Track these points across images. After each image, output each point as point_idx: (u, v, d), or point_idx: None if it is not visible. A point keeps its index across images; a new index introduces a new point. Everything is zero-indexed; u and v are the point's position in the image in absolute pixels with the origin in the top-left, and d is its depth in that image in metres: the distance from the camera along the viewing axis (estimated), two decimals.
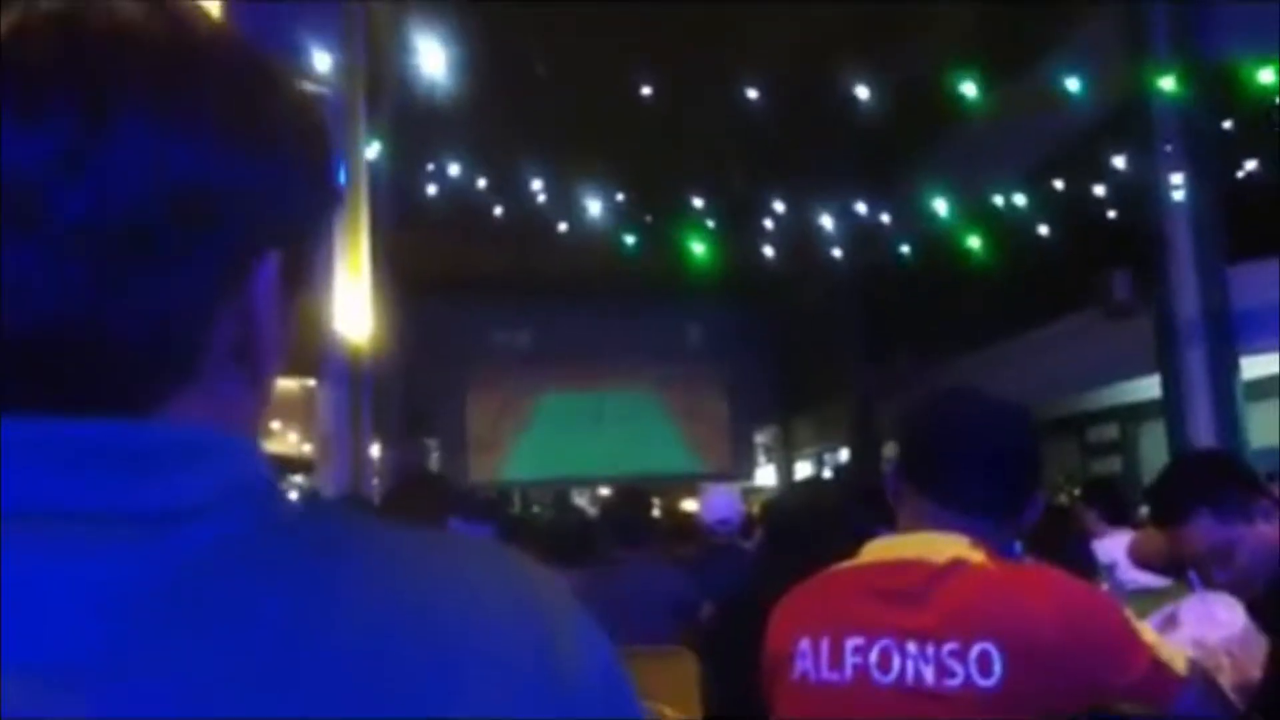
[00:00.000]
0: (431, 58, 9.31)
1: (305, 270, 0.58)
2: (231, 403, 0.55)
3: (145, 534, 0.48)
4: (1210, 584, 1.99)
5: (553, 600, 0.55)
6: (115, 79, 0.49)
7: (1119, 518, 4.66)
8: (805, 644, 1.51)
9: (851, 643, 1.47)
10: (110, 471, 0.48)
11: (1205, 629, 1.78)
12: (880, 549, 1.58)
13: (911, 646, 1.42)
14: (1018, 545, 2.23)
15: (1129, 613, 1.48)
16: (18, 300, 0.48)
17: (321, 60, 8.37)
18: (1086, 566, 3.26)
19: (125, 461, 0.49)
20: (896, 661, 1.43)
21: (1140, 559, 2.98)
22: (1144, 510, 4.70)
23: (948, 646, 1.40)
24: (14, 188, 0.47)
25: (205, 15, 0.57)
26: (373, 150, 9.40)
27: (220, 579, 0.48)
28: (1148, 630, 1.49)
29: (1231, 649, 1.75)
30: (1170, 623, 1.83)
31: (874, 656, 1.45)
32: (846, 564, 1.60)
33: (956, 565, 1.45)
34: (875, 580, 1.51)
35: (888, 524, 1.68)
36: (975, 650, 1.38)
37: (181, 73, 0.51)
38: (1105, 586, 3.28)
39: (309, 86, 8.09)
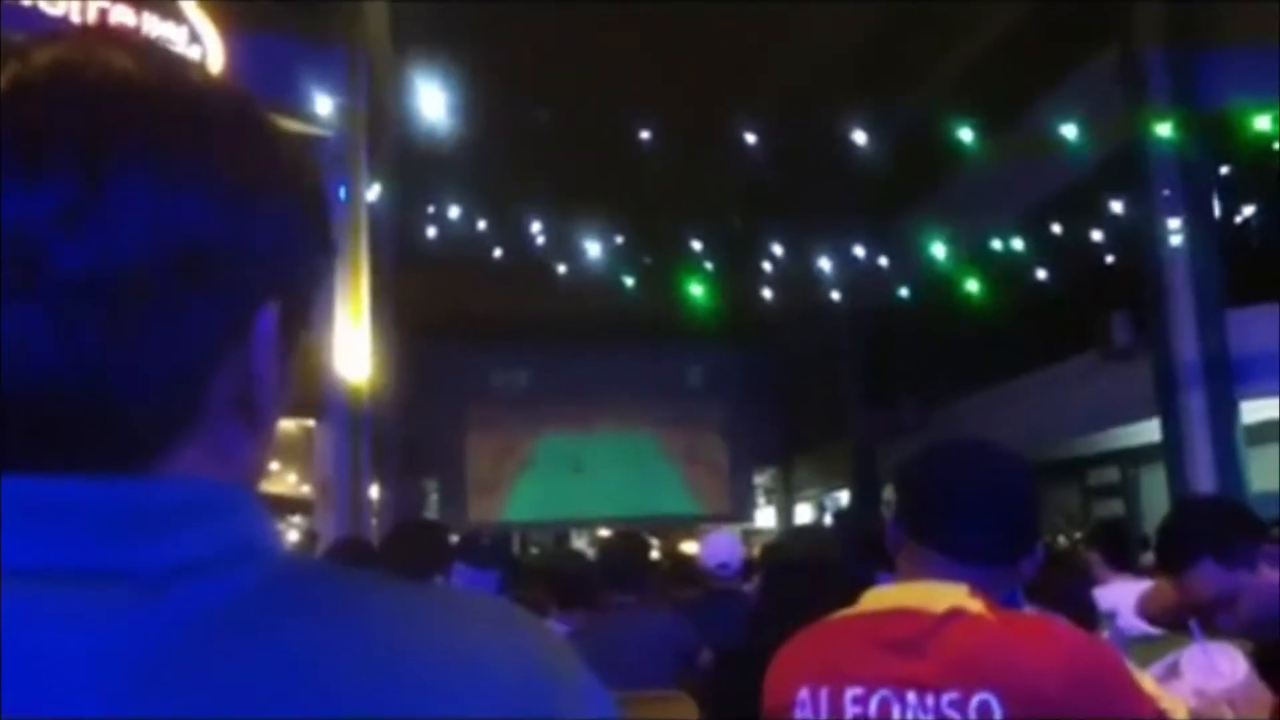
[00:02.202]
0: (432, 102, 9.40)
1: (304, 320, 0.58)
2: (233, 453, 0.55)
3: (147, 592, 0.47)
4: (1212, 632, 1.98)
5: (555, 658, 0.54)
6: (112, 135, 0.50)
7: (1123, 562, 4.63)
8: (805, 693, 1.50)
9: (851, 692, 1.46)
10: (113, 530, 0.48)
11: (1207, 679, 1.77)
12: (879, 597, 1.58)
13: (911, 696, 1.41)
14: (1019, 594, 2.22)
15: (1130, 662, 1.47)
16: (22, 356, 0.48)
17: (324, 104, 8.45)
18: (1087, 614, 3.23)
19: (127, 520, 0.49)
20: (896, 711, 1.42)
21: (1149, 615, 2.95)
22: (1146, 556, 4.69)
23: (947, 697, 1.38)
24: (16, 244, 0.48)
25: (200, 68, 0.57)
26: (374, 193, 9.47)
27: (221, 638, 0.48)
28: (1148, 680, 1.48)
29: (1233, 699, 1.74)
30: (1172, 672, 1.82)
31: (873, 706, 1.43)
32: (846, 612, 1.59)
33: (955, 614, 1.44)
34: (874, 629, 1.50)
35: (888, 569, 1.67)
36: (975, 700, 1.37)
37: (178, 127, 0.51)
38: (1106, 634, 3.26)
39: (311, 130, 8.16)
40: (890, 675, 1.43)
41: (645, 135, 10.71)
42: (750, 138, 10.99)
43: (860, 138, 10.75)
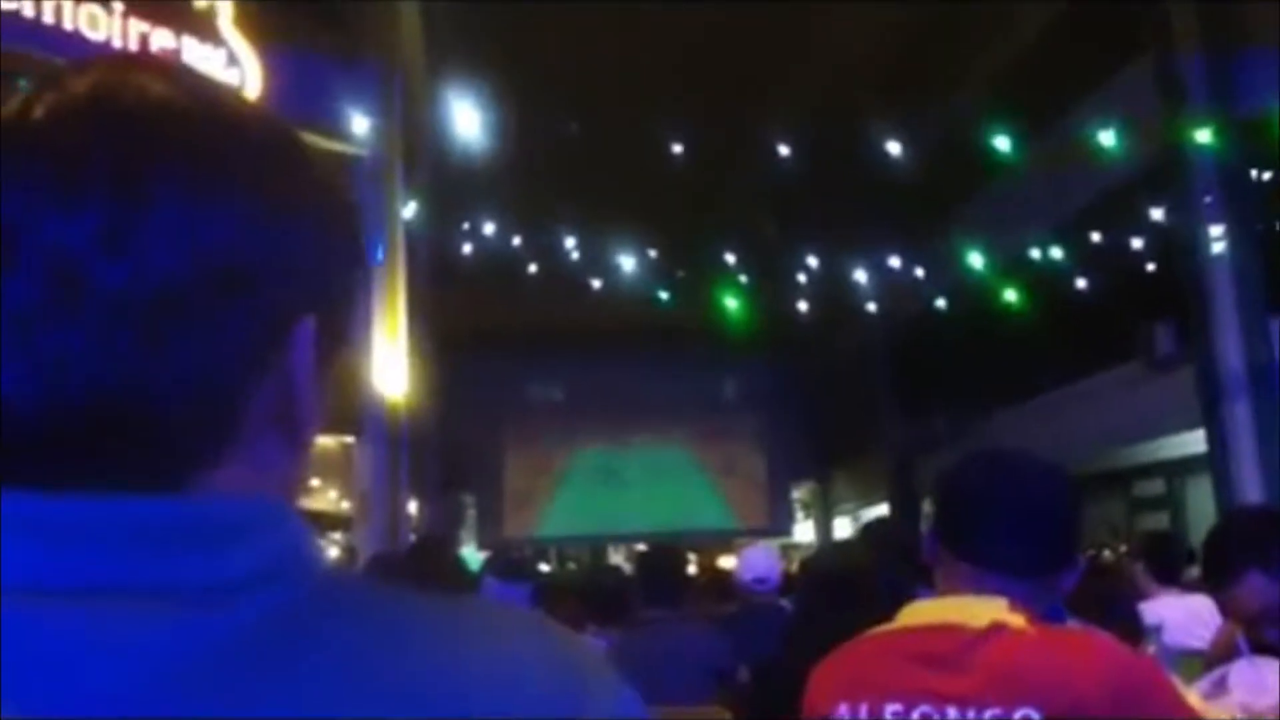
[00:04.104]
0: (467, 119, 9.47)
1: (339, 334, 0.60)
2: (272, 467, 0.56)
3: (194, 608, 0.48)
4: (1260, 646, 1.95)
5: (588, 666, 0.55)
6: (149, 157, 0.51)
7: (1169, 576, 4.57)
8: (844, 709, 1.49)
9: (891, 708, 1.44)
10: (157, 547, 0.49)
11: (1255, 695, 1.73)
12: (919, 612, 1.56)
13: (952, 712, 1.39)
14: (1062, 608, 2.19)
15: (1175, 677, 1.44)
16: (65, 373, 0.49)
17: (360, 123, 8.53)
18: (1132, 629, 3.19)
19: (171, 537, 0.49)
20: None
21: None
22: (1193, 569, 4.61)
23: (989, 713, 1.37)
24: (58, 264, 0.49)
25: (232, 92, 0.59)
26: (409, 210, 9.54)
27: (268, 650, 0.49)
28: (1193, 695, 1.46)
29: None
30: (1220, 687, 1.79)
31: None
32: (885, 628, 1.57)
33: (996, 629, 1.43)
34: (914, 645, 1.49)
35: (925, 584, 1.66)
36: (1018, 716, 1.35)
37: (212, 148, 0.53)
38: (1152, 649, 3.21)
39: (348, 149, 8.25)
40: (930, 691, 1.42)
41: (677, 149, 10.72)
42: (783, 148, 10.97)
43: (893, 146, 10.70)
